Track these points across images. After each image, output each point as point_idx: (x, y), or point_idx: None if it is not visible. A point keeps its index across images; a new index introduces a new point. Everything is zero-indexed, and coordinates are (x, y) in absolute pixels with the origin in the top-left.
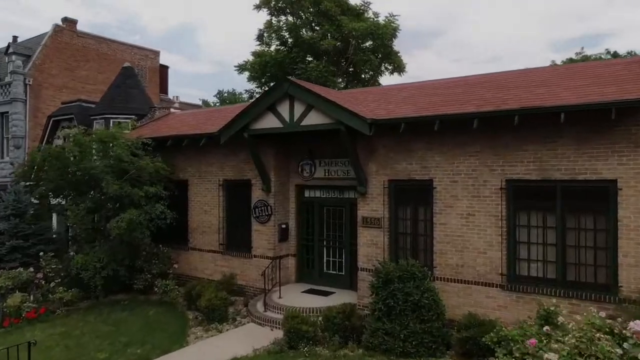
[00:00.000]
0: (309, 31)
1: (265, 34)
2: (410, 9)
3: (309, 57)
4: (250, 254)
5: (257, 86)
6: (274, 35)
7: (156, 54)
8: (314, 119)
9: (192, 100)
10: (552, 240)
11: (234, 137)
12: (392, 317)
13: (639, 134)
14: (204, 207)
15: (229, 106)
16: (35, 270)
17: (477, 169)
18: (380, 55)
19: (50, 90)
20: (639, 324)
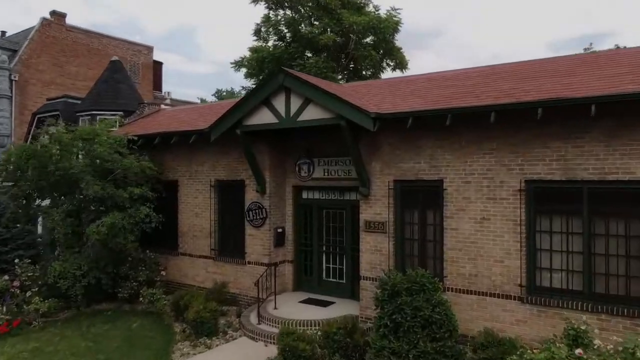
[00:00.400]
0: (308, 26)
1: (262, 29)
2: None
3: (308, 53)
4: (243, 260)
5: (254, 83)
6: (271, 29)
7: (149, 49)
8: (312, 113)
9: (191, 99)
10: (577, 247)
11: (226, 134)
12: (400, 335)
13: None
14: (194, 209)
15: (223, 101)
16: (11, 278)
17: (493, 169)
18: (381, 51)
19: (37, 86)
20: None
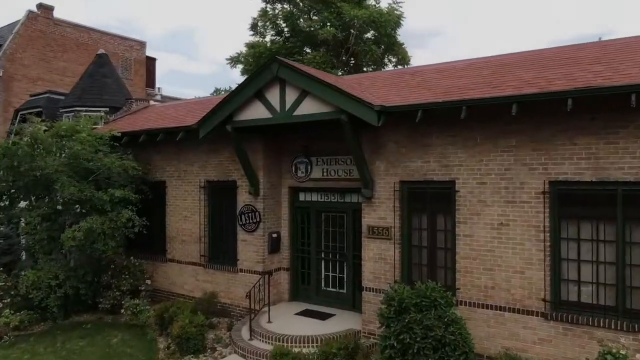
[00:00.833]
0: (307, 20)
1: (259, 23)
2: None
3: (307, 49)
4: (235, 268)
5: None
6: (268, 24)
7: (142, 45)
8: (309, 107)
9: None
10: (610, 257)
11: (216, 130)
12: (408, 358)
13: None
14: (183, 212)
15: (215, 97)
16: None
17: (513, 168)
18: (383, 46)
19: (23, 82)
20: None
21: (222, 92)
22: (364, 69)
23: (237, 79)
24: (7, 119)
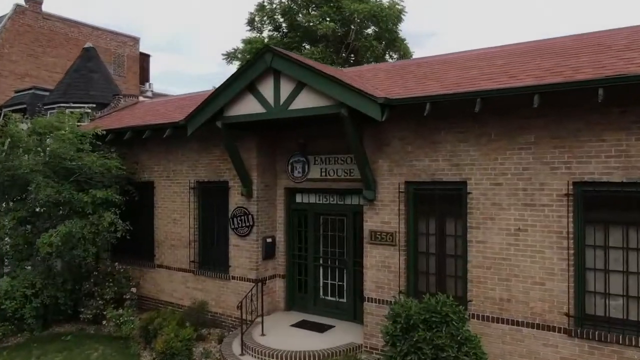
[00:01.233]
0: (306, 14)
1: (256, 18)
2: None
3: (306, 45)
4: (227, 275)
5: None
6: (266, 19)
7: (136, 40)
8: (306, 100)
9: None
10: None
11: (206, 127)
12: None
13: None
14: (172, 215)
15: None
16: None
17: (531, 167)
18: (384, 42)
19: (9, 78)
20: None
21: None
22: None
23: None
24: None
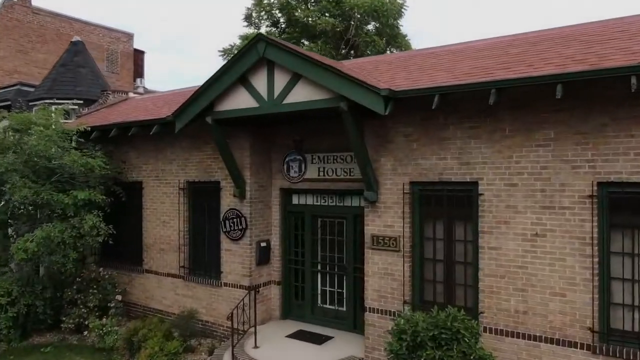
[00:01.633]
0: (304, 10)
1: (254, 14)
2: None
3: (305, 41)
4: (219, 281)
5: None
6: (263, 14)
7: (129, 36)
8: (302, 94)
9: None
10: None
11: (196, 123)
12: None
13: None
14: (161, 217)
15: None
16: None
17: (550, 166)
18: (385, 38)
19: None
20: None
21: None
22: None
23: None
24: None
